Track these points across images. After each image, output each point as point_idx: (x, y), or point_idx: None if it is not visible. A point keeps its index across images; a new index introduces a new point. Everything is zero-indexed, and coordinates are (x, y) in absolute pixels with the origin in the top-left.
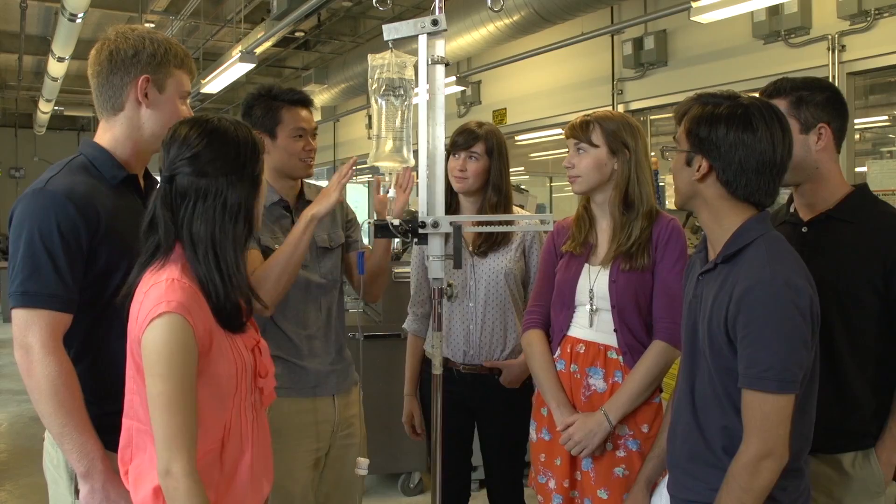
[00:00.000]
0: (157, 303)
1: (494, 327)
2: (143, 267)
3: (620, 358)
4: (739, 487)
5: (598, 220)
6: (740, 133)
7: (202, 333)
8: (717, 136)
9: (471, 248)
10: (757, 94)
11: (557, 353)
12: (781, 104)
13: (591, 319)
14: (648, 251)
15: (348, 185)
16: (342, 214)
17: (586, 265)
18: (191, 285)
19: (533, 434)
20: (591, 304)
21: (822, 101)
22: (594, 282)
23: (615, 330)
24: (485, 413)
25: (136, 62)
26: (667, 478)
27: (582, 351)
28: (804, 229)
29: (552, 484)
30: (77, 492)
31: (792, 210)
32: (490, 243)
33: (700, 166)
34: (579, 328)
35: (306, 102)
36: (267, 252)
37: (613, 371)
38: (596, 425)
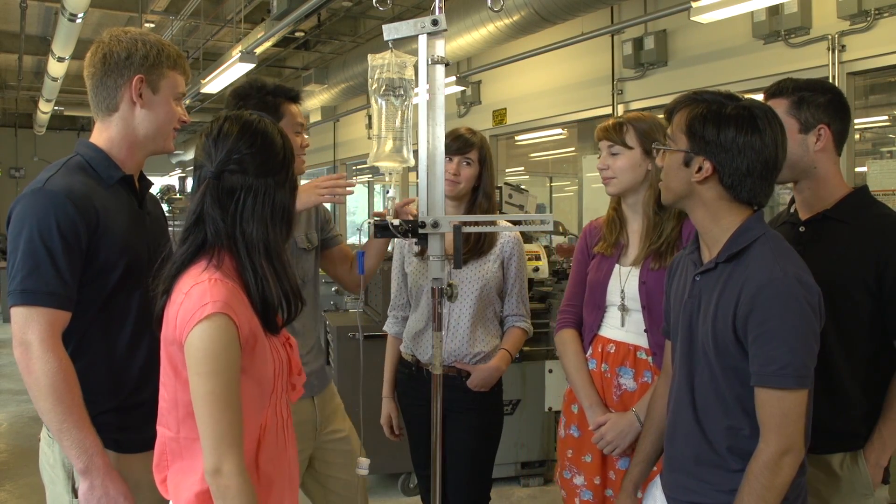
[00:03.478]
0: (202, 304)
1: (463, 335)
2: (183, 264)
3: (650, 358)
4: (762, 486)
5: (629, 221)
6: (749, 136)
7: (246, 332)
8: (725, 138)
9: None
10: (757, 95)
11: (589, 352)
12: (783, 104)
13: (623, 320)
14: (677, 251)
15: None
16: (318, 216)
17: (617, 266)
18: (233, 284)
19: (561, 430)
20: (623, 305)
21: (823, 102)
22: (625, 283)
23: (646, 330)
24: (451, 414)
25: (130, 64)
26: (658, 480)
27: (612, 351)
28: (801, 228)
29: (578, 480)
30: (75, 491)
31: (792, 210)
32: (470, 251)
33: (700, 168)
34: (610, 328)
35: (300, 99)
36: None
37: (643, 371)
38: (627, 425)
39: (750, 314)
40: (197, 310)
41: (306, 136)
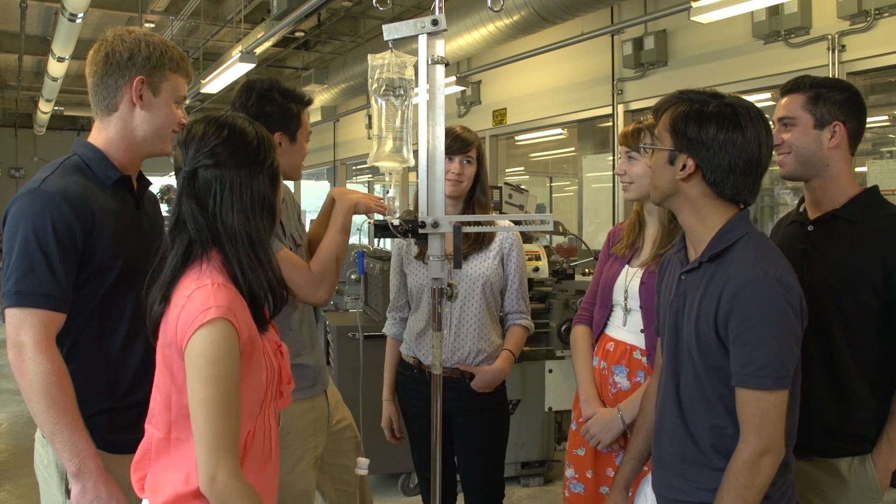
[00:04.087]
0: (205, 308)
1: (468, 334)
2: (178, 269)
3: (644, 359)
4: (741, 485)
5: (647, 225)
6: (731, 133)
7: (245, 338)
8: (706, 135)
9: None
10: (758, 94)
11: (595, 349)
12: (799, 99)
13: (625, 319)
14: None
15: (348, 185)
16: (298, 213)
17: (626, 266)
18: (235, 290)
19: (572, 424)
20: (625, 305)
21: (840, 100)
22: (629, 283)
23: (642, 331)
24: (456, 416)
25: (132, 65)
26: (650, 478)
27: (611, 349)
28: (810, 227)
29: (569, 472)
30: (68, 492)
31: (801, 210)
32: (470, 246)
33: (684, 165)
34: (614, 327)
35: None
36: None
37: (636, 371)
38: (610, 421)
39: (730, 314)
40: (199, 314)
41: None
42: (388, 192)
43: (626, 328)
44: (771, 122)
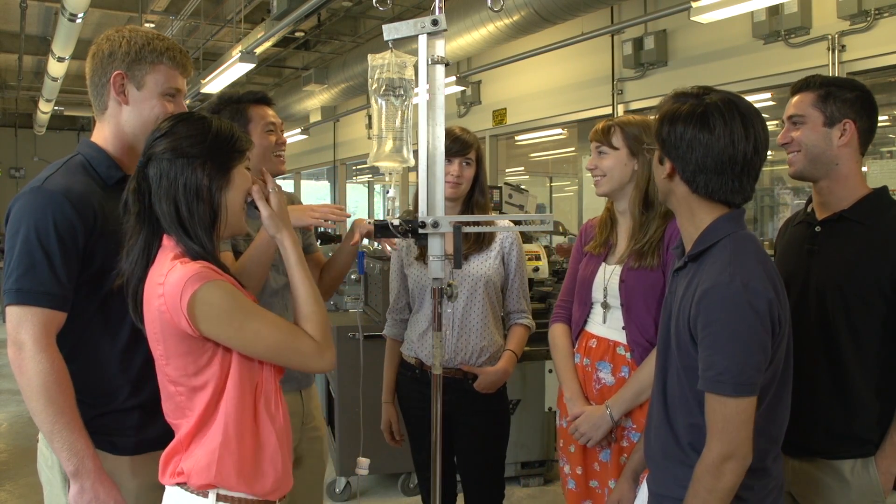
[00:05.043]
0: (185, 279)
1: (471, 333)
2: (130, 249)
3: (628, 354)
4: (704, 489)
5: (619, 222)
6: (696, 132)
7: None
8: (675, 135)
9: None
10: (758, 94)
11: (576, 346)
12: (809, 97)
13: (605, 316)
14: (659, 251)
15: (348, 185)
16: None
17: (603, 264)
18: (202, 261)
19: (558, 421)
20: (605, 302)
21: (851, 98)
22: (608, 280)
23: (623, 327)
24: (458, 416)
25: (112, 60)
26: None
27: (594, 346)
28: (817, 228)
29: (567, 469)
30: None
31: (809, 210)
32: (471, 247)
33: (667, 165)
34: (594, 324)
35: (269, 101)
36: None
37: (621, 366)
38: (599, 418)
39: (697, 317)
40: (183, 287)
41: (282, 135)
42: (388, 192)
43: (607, 325)
44: (781, 121)
